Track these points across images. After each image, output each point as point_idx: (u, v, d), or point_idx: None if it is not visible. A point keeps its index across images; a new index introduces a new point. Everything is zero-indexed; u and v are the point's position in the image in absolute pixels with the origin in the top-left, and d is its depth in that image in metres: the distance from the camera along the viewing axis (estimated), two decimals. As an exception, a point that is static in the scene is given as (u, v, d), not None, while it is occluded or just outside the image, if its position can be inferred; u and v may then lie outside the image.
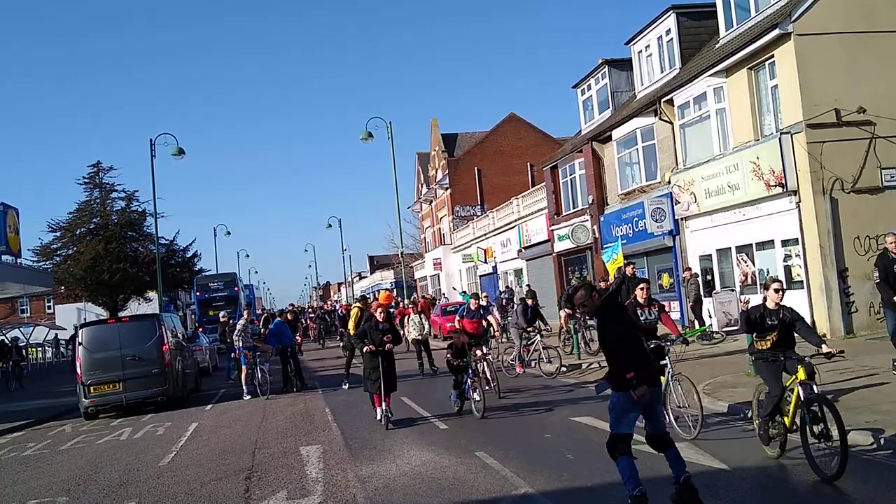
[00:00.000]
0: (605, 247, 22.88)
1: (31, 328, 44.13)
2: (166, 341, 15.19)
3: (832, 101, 14.71)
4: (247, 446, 10.15)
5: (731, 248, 17.90)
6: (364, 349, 10.80)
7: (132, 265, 40.30)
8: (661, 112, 19.82)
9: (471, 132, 48.95)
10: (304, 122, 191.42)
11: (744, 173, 16.37)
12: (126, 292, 41.60)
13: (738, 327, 7.41)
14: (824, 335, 13.91)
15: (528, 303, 15.51)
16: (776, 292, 7.08)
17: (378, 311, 11.24)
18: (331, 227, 54.71)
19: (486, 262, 37.66)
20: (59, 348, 40.90)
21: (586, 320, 17.44)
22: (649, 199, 20.50)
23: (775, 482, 6.52)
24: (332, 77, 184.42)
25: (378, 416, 10.76)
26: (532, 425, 9.83)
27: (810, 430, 6.24)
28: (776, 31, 14.82)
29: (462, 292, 34.77)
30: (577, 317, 17.28)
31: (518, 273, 33.94)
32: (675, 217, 19.65)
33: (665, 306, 9.49)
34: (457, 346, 11.30)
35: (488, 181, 44.49)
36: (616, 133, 22.71)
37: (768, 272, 16.72)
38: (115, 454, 10.68)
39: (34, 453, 11.62)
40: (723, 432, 8.25)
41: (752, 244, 17.12)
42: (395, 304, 23.84)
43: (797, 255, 15.60)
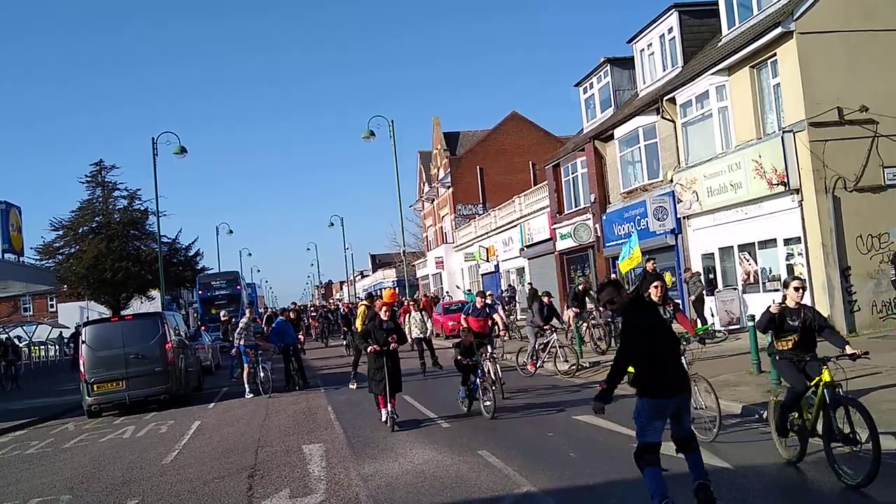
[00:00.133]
0: (620, 243, 22.85)
1: (34, 327, 44.25)
2: (169, 339, 15.20)
3: (834, 99, 14.69)
4: (249, 445, 10.16)
5: (733, 246, 17.89)
6: (368, 349, 10.49)
7: (134, 264, 40.35)
8: (663, 110, 19.80)
9: (473, 131, 48.93)
10: (306, 121, 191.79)
11: (746, 172, 16.36)
12: (128, 291, 41.65)
13: (756, 324, 7.07)
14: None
15: (544, 301, 15.27)
16: (796, 290, 6.76)
17: (382, 310, 10.93)
18: (333, 225, 54.89)
19: (488, 261, 37.67)
20: (63, 347, 40.91)
21: (595, 319, 17.43)
22: (651, 197, 20.49)
23: (797, 489, 6.31)
24: (333, 76, 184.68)
25: (383, 417, 10.48)
26: (534, 424, 9.83)
27: (837, 434, 5.93)
28: (778, 30, 14.81)
29: (467, 291, 34.74)
30: (583, 316, 17.24)
31: (520, 272, 33.95)
32: (678, 216, 19.64)
33: (679, 304, 9.34)
34: (464, 344, 11.14)
35: (490, 180, 44.49)
36: (618, 131, 22.70)
37: (770, 271, 16.73)
38: (118, 452, 10.71)
39: (37, 451, 11.65)
40: (740, 434, 8.08)
41: (754, 243, 17.11)
42: (399, 303, 23.79)
43: (799, 254, 15.58)
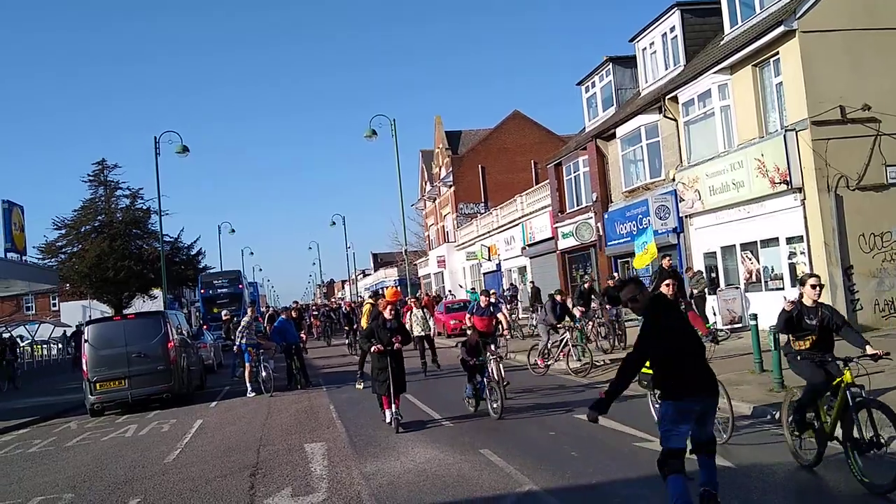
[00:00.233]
0: (622, 242, 22.84)
1: (37, 325, 44.31)
2: (171, 338, 15.21)
3: (837, 98, 14.68)
4: (251, 443, 10.17)
5: (735, 245, 17.87)
6: (371, 349, 10.28)
7: (137, 262, 40.37)
8: (665, 109, 19.78)
9: (475, 129, 48.89)
10: (308, 119, 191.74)
11: (748, 170, 16.33)
12: (131, 290, 41.67)
13: (775, 327, 6.79)
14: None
15: (557, 299, 15.10)
16: (813, 288, 6.52)
17: (387, 309, 10.66)
18: (335, 224, 54.90)
19: (489, 260, 37.66)
20: (66, 346, 40.94)
21: (599, 318, 17.36)
22: (653, 196, 20.47)
23: (816, 494, 6.10)
24: (335, 75, 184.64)
25: (387, 418, 10.28)
26: (536, 423, 9.82)
27: (860, 437, 5.71)
28: (781, 28, 14.79)
29: (471, 290, 34.70)
30: (588, 315, 17.17)
31: (522, 270, 33.93)
32: (680, 214, 19.62)
33: (692, 304, 9.13)
34: (470, 343, 10.98)
35: (492, 178, 44.48)
36: (620, 130, 22.68)
37: (772, 270, 16.72)
38: (121, 451, 10.72)
39: (40, 450, 11.67)
40: (753, 436, 7.90)
41: (756, 241, 17.08)
42: (402, 302, 23.70)
43: (802, 253, 15.56)
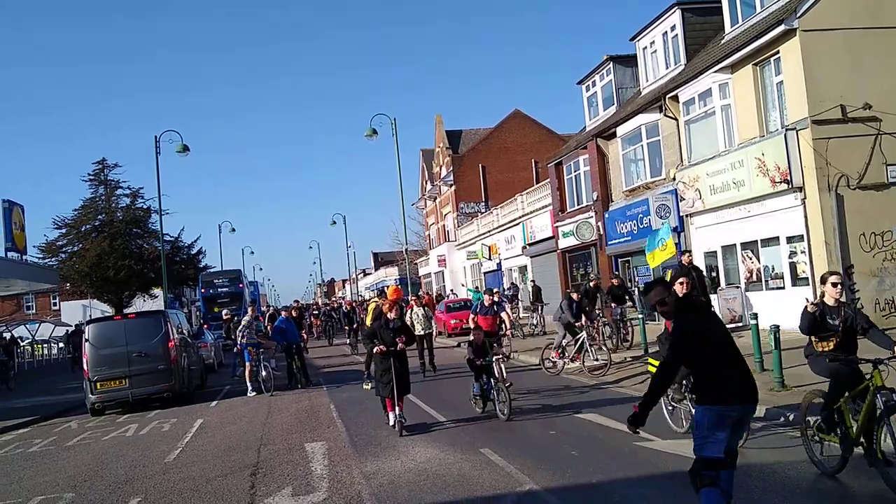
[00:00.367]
0: (623, 241, 22.80)
1: (37, 325, 44.34)
2: (172, 338, 15.22)
3: (838, 97, 14.66)
4: (252, 443, 10.18)
5: (736, 244, 17.86)
6: (375, 350, 10.05)
7: (137, 262, 40.39)
8: (665, 108, 19.77)
9: (475, 129, 48.88)
10: (308, 119, 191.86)
11: (749, 170, 16.32)
12: (131, 289, 41.70)
13: (799, 328, 6.46)
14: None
15: (574, 297, 14.94)
16: (834, 286, 6.17)
17: (391, 309, 10.26)
18: (335, 223, 54.90)
19: (490, 259, 37.66)
20: (68, 346, 40.94)
21: (602, 317, 17.32)
22: (654, 195, 20.47)
23: (841, 502, 5.80)
24: (335, 75, 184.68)
25: (391, 421, 10.03)
26: (537, 423, 9.82)
27: (892, 443, 5.38)
28: (781, 27, 14.78)
29: (475, 289, 34.65)
30: (593, 315, 17.09)
31: (522, 270, 33.93)
32: (680, 214, 19.60)
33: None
34: (477, 343, 10.85)
35: (493, 178, 44.47)
36: (621, 130, 22.66)
37: (773, 269, 16.71)
38: (121, 450, 10.73)
39: (40, 449, 11.68)
40: (769, 439, 7.61)
41: (757, 241, 17.07)
42: (404, 300, 23.64)
43: (802, 252, 15.55)
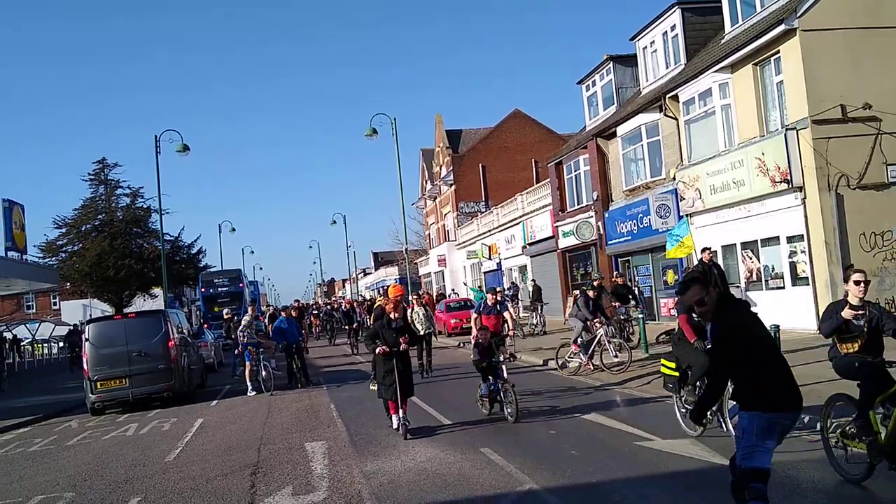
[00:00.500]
0: (623, 241, 22.78)
1: (37, 324, 44.36)
2: (172, 337, 15.22)
3: (838, 96, 14.67)
4: (252, 442, 10.18)
5: (736, 244, 17.86)
6: (377, 350, 9.78)
7: (137, 261, 40.39)
8: (665, 108, 19.78)
9: (475, 128, 48.88)
10: (308, 119, 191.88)
11: (749, 169, 16.33)
12: (131, 288, 41.70)
13: (821, 330, 6.15)
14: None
15: (590, 294, 14.79)
16: (857, 284, 5.79)
17: (394, 308, 10.02)
18: (335, 223, 54.85)
19: (490, 259, 37.66)
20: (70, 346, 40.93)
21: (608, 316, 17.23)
22: (654, 195, 20.47)
23: None
24: (335, 75, 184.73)
25: (394, 424, 9.79)
26: (537, 422, 9.81)
27: None
28: (782, 27, 14.78)
29: (477, 288, 34.64)
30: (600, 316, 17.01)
31: (522, 269, 33.93)
32: (680, 213, 19.59)
33: None
34: (483, 344, 10.67)
35: (493, 177, 44.48)
36: (621, 129, 22.66)
37: (773, 269, 16.71)
38: (121, 450, 10.73)
39: (40, 449, 11.69)
40: (785, 443, 7.51)
41: (757, 240, 17.08)
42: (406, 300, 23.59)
43: (802, 252, 15.55)
